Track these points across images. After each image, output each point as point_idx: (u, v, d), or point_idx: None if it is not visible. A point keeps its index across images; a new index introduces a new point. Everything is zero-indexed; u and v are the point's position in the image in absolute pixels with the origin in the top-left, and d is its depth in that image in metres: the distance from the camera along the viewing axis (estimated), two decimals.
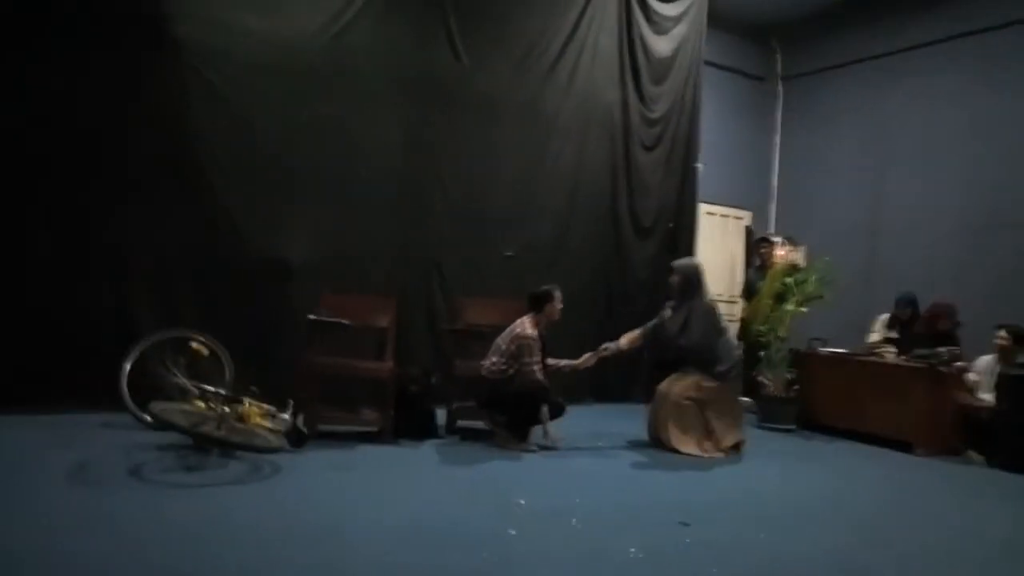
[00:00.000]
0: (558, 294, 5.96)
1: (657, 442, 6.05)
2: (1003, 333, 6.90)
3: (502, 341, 5.82)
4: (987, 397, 6.82)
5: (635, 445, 6.12)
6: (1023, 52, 8.32)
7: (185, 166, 6.14)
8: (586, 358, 6.19)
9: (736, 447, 6.07)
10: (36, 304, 5.65)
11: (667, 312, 6.23)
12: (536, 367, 5.71)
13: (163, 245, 6.07)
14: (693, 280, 6.18)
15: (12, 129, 5.60)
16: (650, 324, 6.29)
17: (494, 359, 5.79)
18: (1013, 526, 4.76)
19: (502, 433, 5.78)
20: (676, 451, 5.89)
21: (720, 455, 5.94)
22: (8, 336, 5.53)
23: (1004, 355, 6.88)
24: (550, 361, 5.98)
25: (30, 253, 5.66)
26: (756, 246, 9.15)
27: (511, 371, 5.72)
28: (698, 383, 6.02)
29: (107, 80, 5.81)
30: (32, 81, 5.61)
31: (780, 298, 7.88)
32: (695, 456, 5.85)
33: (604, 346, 6.23)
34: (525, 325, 5.80)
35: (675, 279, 6.21)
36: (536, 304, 5.93)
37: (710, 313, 6.13)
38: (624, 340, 6.26)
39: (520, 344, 5.72)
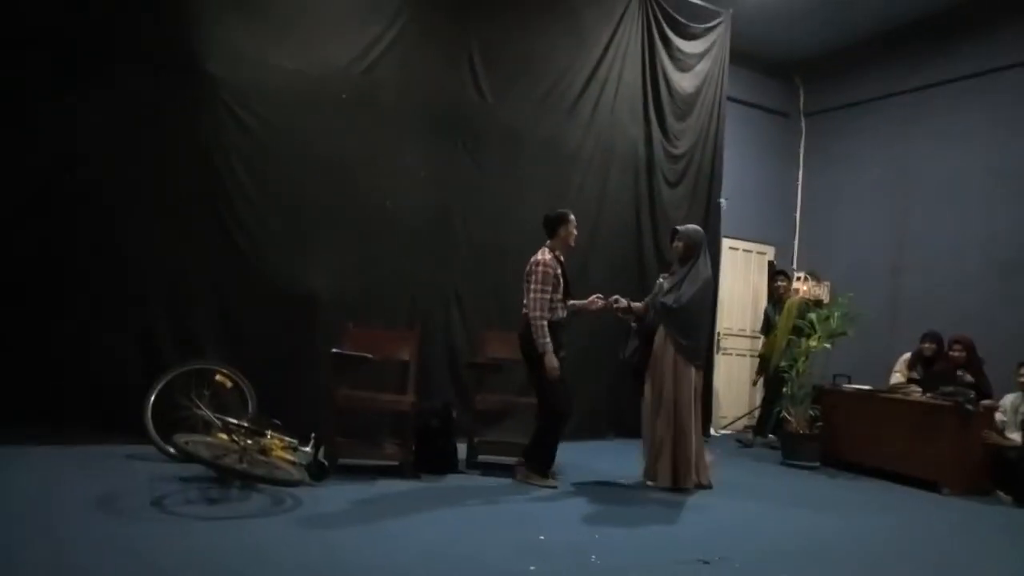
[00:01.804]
0: (572, 217, 5.79)
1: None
2: None
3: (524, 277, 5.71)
4: (1015, 436, 6.72)
5: None
6: None
7: (213, 200, 6.25)
8: (593, 299, 6.02)
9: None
10: (62, 337, 5.73)
11: (661, 280, 6.20)
12: (537, 296, 5.51)
13: (189, 277, 6.16)
14: (698, 245, 6.07)
15: (40, 166, 5.72)
16: (651, 295, 6.23)
17: (524, 301, 5.66)
18: None
19: (522, 468, 5.75)
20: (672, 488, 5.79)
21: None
22: (34, 369, 5.62)
23: None
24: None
25: (57, 287, 5.75)
26: (771, 280, 9.11)
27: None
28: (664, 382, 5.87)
29: (139, 115, 5.93)
30: (65, 118, 5.74)
31: (798, 332, 7.82)
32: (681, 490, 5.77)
33: (615, 297, 6.10)
34: (543, 251, 5.67)
35: (679, 244, 6.07)
36: (549, 229, 5.77)
37: (707, 282, 6.01)
38: (632, 304, 6.15)
39: (528, 269, 5.61)
